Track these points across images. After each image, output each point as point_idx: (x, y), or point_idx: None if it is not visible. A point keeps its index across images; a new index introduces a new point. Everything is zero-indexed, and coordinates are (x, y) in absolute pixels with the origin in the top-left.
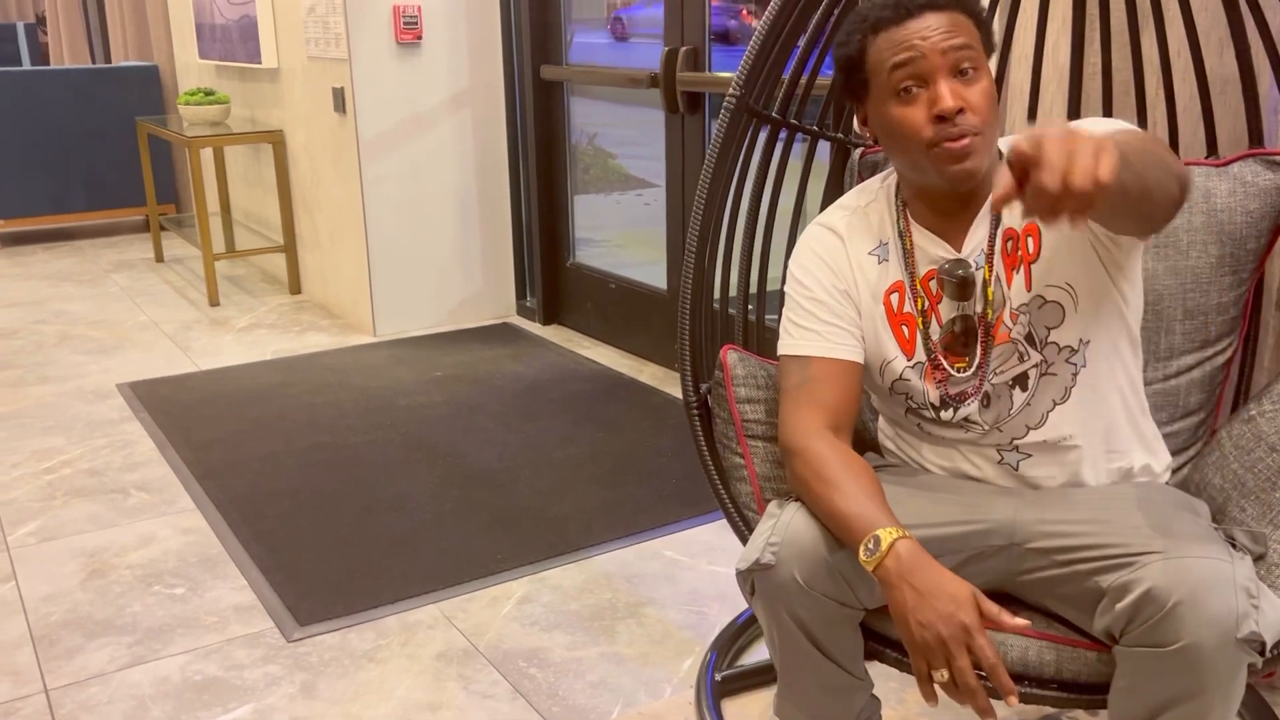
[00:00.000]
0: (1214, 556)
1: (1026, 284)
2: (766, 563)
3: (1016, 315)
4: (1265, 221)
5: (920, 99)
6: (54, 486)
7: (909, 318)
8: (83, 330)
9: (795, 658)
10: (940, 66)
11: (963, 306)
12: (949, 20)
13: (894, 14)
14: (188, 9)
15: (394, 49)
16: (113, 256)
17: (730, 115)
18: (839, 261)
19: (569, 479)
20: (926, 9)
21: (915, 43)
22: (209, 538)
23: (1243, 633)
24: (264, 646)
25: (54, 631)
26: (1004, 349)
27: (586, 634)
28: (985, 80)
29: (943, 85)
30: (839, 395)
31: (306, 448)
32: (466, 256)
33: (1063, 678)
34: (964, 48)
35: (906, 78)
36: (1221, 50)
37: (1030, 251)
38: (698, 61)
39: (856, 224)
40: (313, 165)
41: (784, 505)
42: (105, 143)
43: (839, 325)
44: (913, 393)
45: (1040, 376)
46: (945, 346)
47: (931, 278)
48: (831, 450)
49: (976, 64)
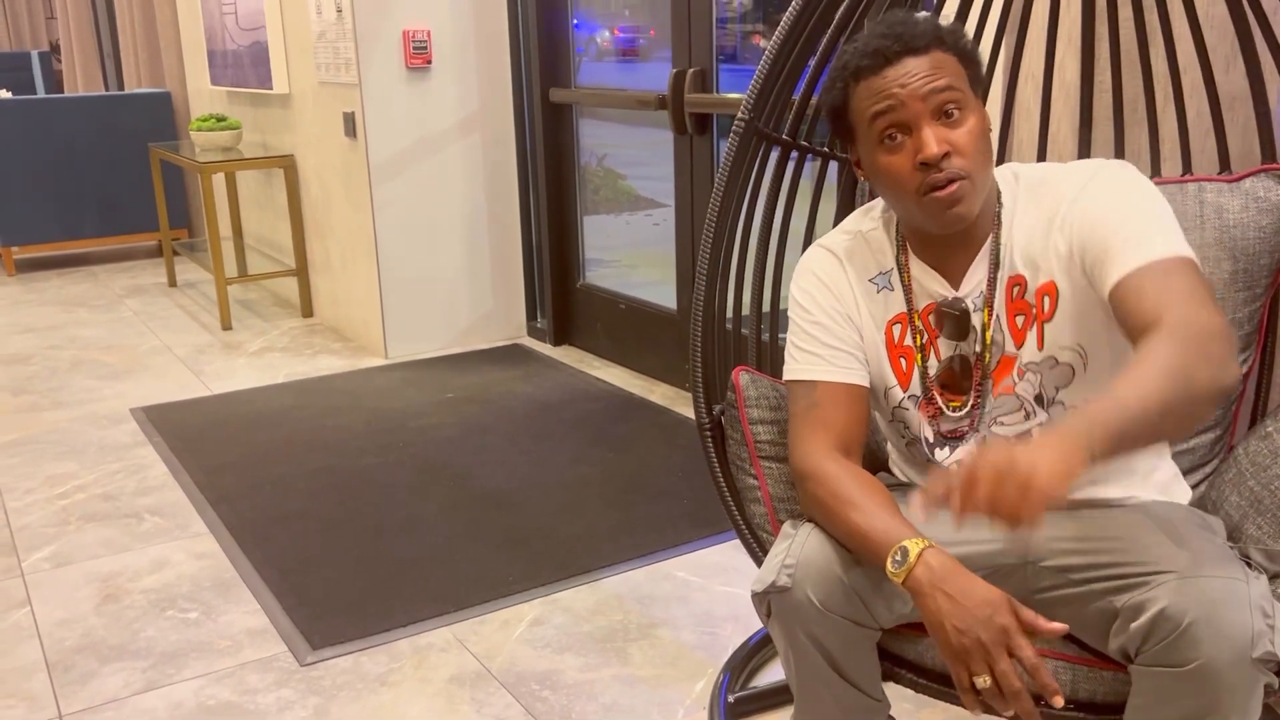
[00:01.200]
0: (1229, 576)
1: (1039, 343)
2: (783, 585)
3: (1024, 372)
4: (1278, 237)
5: (905, 146)
6: (68, 511)
7: (908, 350)
8: (96, 355)
9: (812, 680)
10: (922, 113)
11: (960, 346)
12: (929, 63)
13: (872, 61)
14: (199, 36)
15: (404, 73)
16: (126, 281)
17: (740, 138)
18: (839, 285)
19: (580, 500)
20: (905, 54)
21: (894, 91)
22: (222, 561)
23: (1258, 652)
24: (277, 670)
25: (68, 657)
26: (1006, 400)
27: (599, 656)
28: (972, 119)
29: (926, 132)
30: (846, 418)
31: (318, 470)
32: (477, 278)
33: (1079, 697)
34: (946, 89)
35: (888, 126)
36: (1229, 66)
37: (1045, 311)
38: (705, 83)
39: (858, 250)
40: (324, 189)
41: (798, 526)
42: (118, 169)
43: (842, 349)
44: (910, 424)
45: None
46: (942, 384)
47: (931, 311)
48: (844, 470)
49: (962, 104)
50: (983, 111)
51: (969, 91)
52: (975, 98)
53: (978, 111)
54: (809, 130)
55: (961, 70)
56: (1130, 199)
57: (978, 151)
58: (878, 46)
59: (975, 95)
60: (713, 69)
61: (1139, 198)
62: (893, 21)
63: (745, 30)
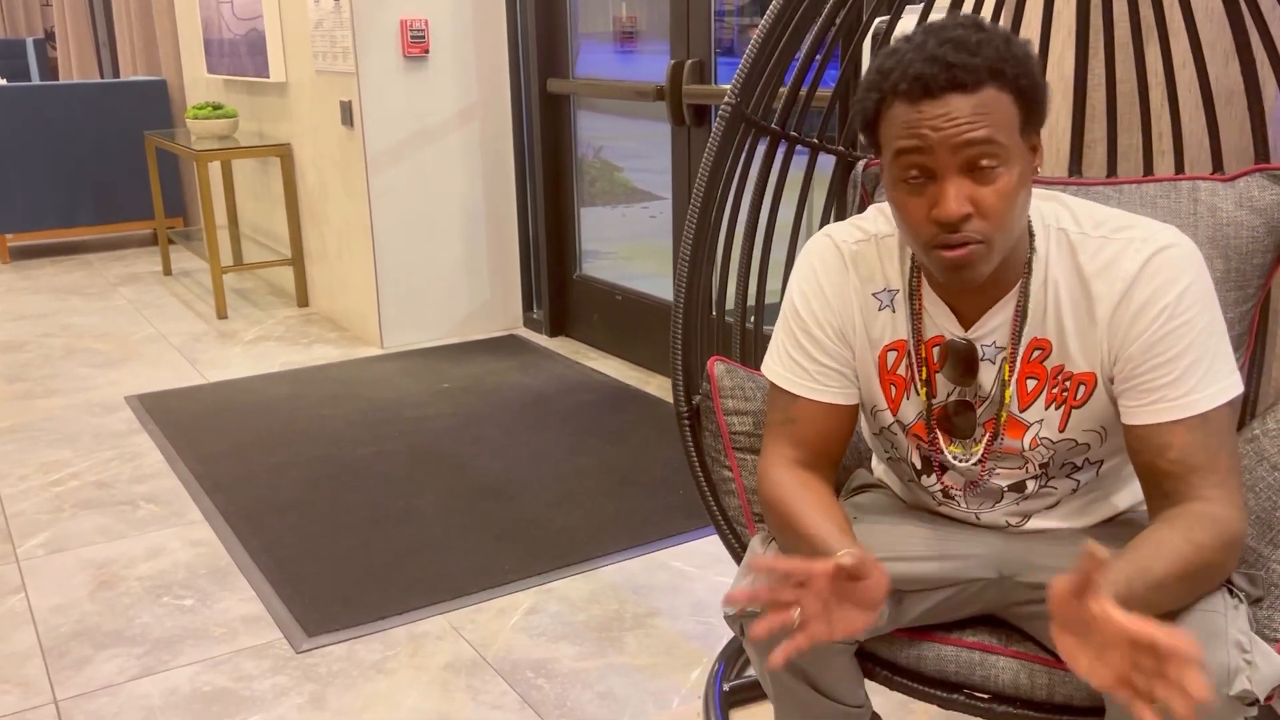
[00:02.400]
0: (1209, 609)
1: (1061, 425)
2: (751, 611)
3: (1038, 444)
4: (1271, 237)
5: (926, 191)
6: (62, 499)
7: (899, 379)
8: (91, 343)
9: (789, 699)
10: (950, 164)
11: (961, 391)
12: (975, 105)
13: (911, 87)
14: (196, 24)
15: (401, 63)
16: (121, 270)
17: (726, 124)
18: (839, 293)
19: (576, 490)
20: (950, 89)
21: (925, 132)
22: (217, 549)
23: (1234, 690)
24: (272, 658)
25: (63, 643)
26: (1012, 458)
27: (594, 645)
28: (1009, 175)
29: (950, 186)
30: (821, 436)
31: (314, 459)
32: (473, 269)
33: (1055, 700)
34: (985, 142)
35: (912, 166)
36: (1226, 62)
37: (1078, 398)
38: (703, 74)
39: (867, 255)
40: (320, 178)
41: (766, 544)
42: (114, 157)
43: (831, 367)
44: (897, 446)
45: (1040, 488)
46: (937, 421)
47: (936, 343)
48: (797, 484)
49: (1002, 159)
50: (1028, 159)
51: (1015, 140)
52: (1024, 145)
53: (1020, 163)
54: (799, 121)
55: (1015, 113)
56: (1183, 320)
57: (1006, 213)
58: (921, 71)
59: (1025, 142)
60: (711, 60)
61: (1192, 316)
62: (950, 39)
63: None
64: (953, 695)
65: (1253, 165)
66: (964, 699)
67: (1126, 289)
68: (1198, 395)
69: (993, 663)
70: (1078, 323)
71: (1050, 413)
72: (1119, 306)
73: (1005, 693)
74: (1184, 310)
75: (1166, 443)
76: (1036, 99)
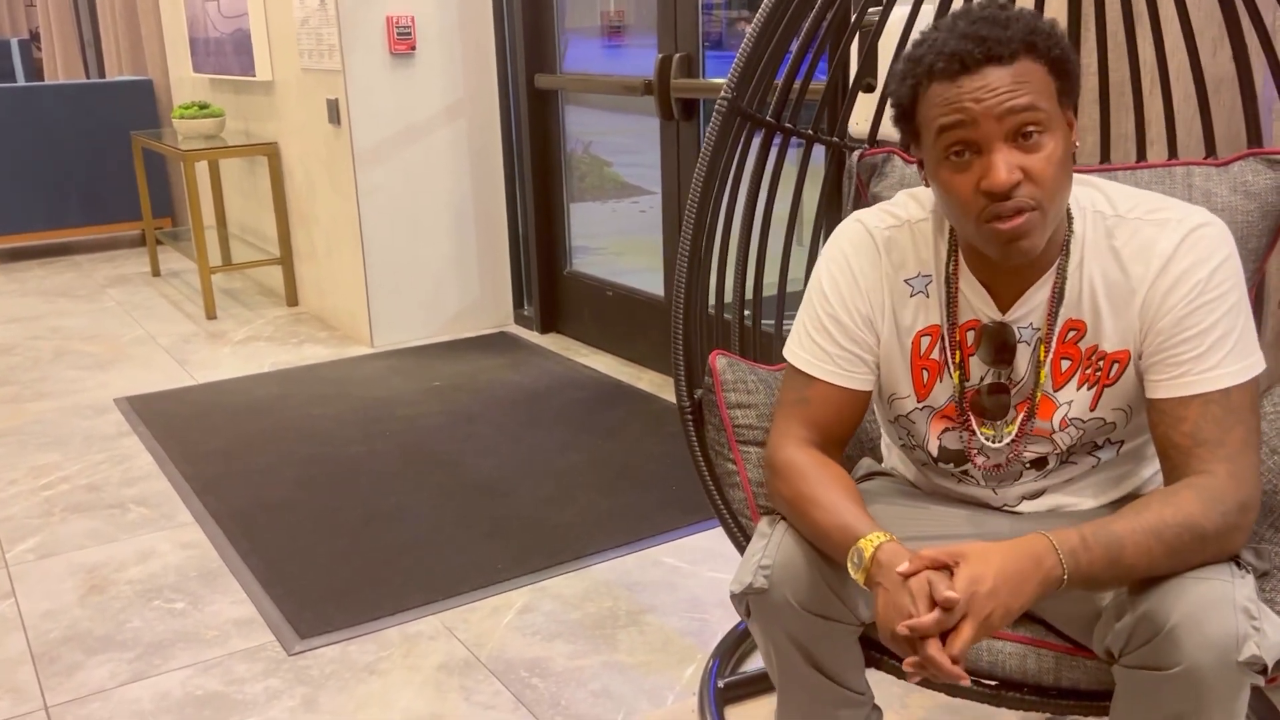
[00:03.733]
0: (1213, 577)
1: (1093, 404)
2: (760, 587)
3: (1068, 424)
4: (1266, 221)
5: (972, 166)
6: (52, 503)
7: (933, 364)
8: (79, 345)
9: (793, 678)
10: (995, 134)
11: (997, 373)
12: (1014, 75)
13: (947, 65)
14: (181, 23)
15: (388, 60)
16: (109, 271)
17: (722, 118)
18: (870, 280)
19: (568, 487)
20: (987, 62)
21: (967, 105)
22: (208, 552)
23: (1243, 656)
24: (265, 660)
25: (54, 648)
26: (1041, 441)
27: (588, 643)
28: (1054, 143)
29: (998, 156)
30: (835, 419)
31: (305, 459)
32: (463, 266)
33: (1061, 685)
34: (1027, 109)
35: (956, 142)
36: (1216, 49)
37: (1111, 376)
38: (691, 68)
39: (900, 241)
40: (308, 177)
41: (774, 524)
42: (100, 157)
43: (853, 352)
44: (914, 433)
45: (1061, 464)
46: (970, 404)
47: (971, 327)
48: (811, 464)
49: (1045, 125)
50: (1067, 132)
51: (1056, 109)
52: (1063, 115)
53: (1062, 132)
54: (794, 113)
55: (1050, 83)
56: (1214, 296)
57: (1055, 179)
58: (957, 49)
59: (1064, 112)
60: (699, 54)
61: (1223, 292)
62: (980, 18)
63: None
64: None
65: (1246, 150)
66: (971, 685)
67: (1163, 266)
68: (1221, 370)
69: (999, 648)
70: (1112, 303)
71: (1082, 393)
72: (1155, 283)
73: (1012, 678)
74: (1215, 286)
75: (1182, 415)
76: (1070, 71)
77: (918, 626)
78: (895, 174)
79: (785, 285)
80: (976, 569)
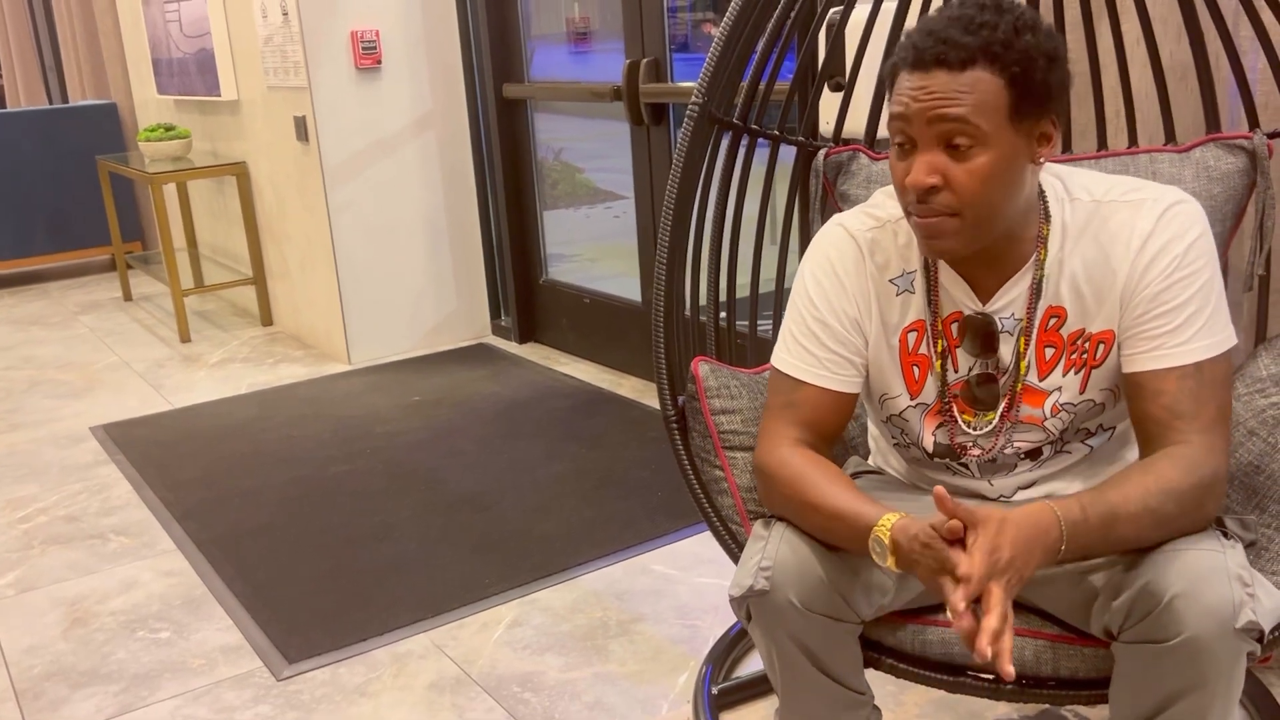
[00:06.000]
0: (1206, 547)
1: (1082, 387)
2: (761, 589)
3: (1059, 410)
4: (1229, 205)
5: (910, 157)
6: (30, 535)
7: (923, 359)
8: (52, 374)
9: (796, 680)
10: (926, 135)
11: (984, 363)
12: (958, 84)
13: (907, 55)
14: (143, 45)
15: (354, 74)
16: (80, 298)
17: (695, 124)
18: (855, 281)
19: (554, 498)
20: (936, 65)
21: (906, 100)
22: (192, 579)
23: (1241, 622)
24: (254, 686)
25: (37, 684)
26: (1032, 429)
27: (579, 655)
28: (987, 157)
29: (923, 158)
30: (823, 420)
31: (286, 481)
32: (439, 278)
33: (1060, 674)
34: (957, 120)
35: (899, 132)
36: (1179, 37)
37: (1097, 358)
38: (660, 72)
39: (883, 241)
40: (278, 195)
41: (770, 526)
42: (66, 183)
43: (841, 354)
44: (908, 431)
45: (1055, 453)
46: (959, 394)
47: (955, 319)
48: (804, 461)
49: (976, 139)
50: (1016, 148)
51: (1001, 124)
52: (1014, 131)
53: (1003, 149)
54: (760, 113)
55: (1003, 98)
56: (1189, 271)
57: (977, 192)
58: (917, 43)
59: (1018, 128)
60: (666, 58)
61: (1198, 268)
62: (958, 17)
63: (696, 19)
64: (959, 678)
65: (1206, 135)
66: (970, 680)
67: (1142, 244)
68: (1195, 344)
69: None
70: (1095, 287)
71: (1070, 378)
72: (1134, 261)
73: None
74: (1190, 262)
75: (1159, 389)
76: (1032, 87)
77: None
78: (862, 172)
79: (758, 286)
80: (994, 538)
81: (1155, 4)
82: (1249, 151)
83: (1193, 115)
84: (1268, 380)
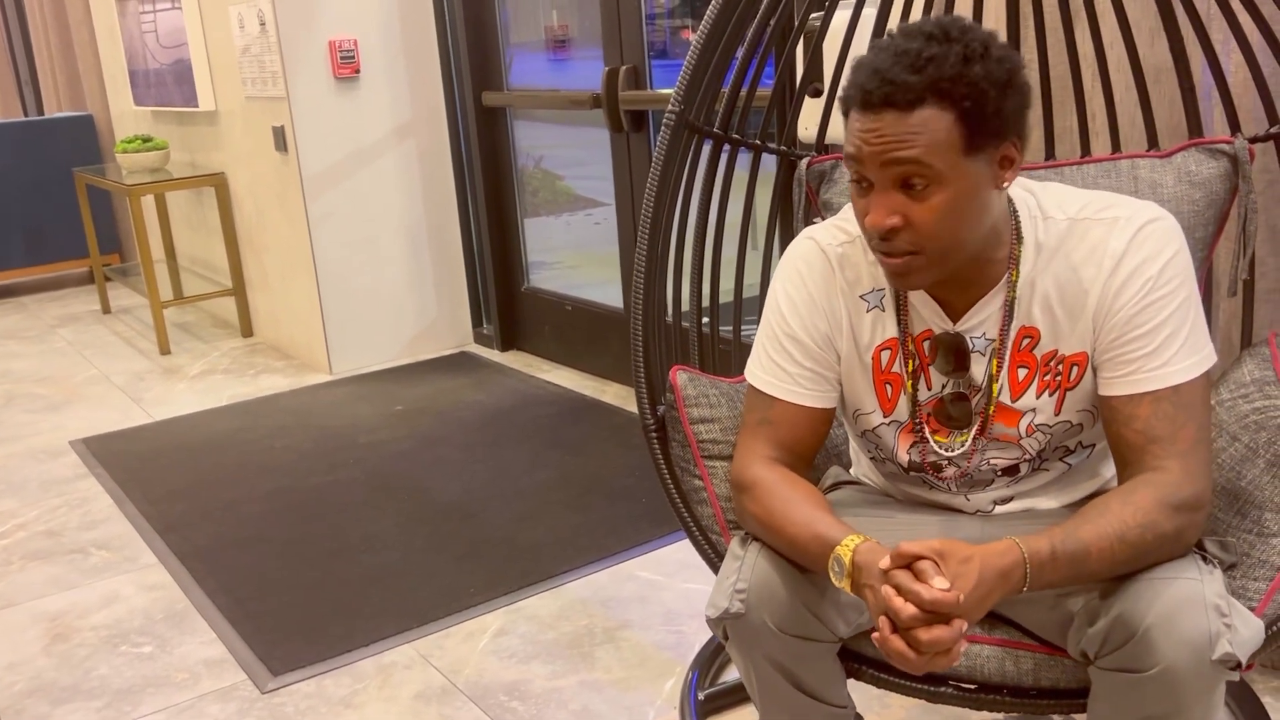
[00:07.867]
0: (1183, 575)
1: (1057, 409)
2: (736, 611)
3: (1034, 430)
4: (1211, 210)
5: (869, 196)
6: (10, 551)
7: (895, 377)
8: (30, 388)
9: (774, 699)
10: (881, 177)
11: (956, 382)
12: (909, 125)
13: (853, 95)
14: (119, 56)
15: (332, 84)
16: (58, 310)
17: (671, 132)
18: (826, 296)
19: (538, 505)
20: (885, 106)
21: (858, 144)
22: (174, 592)
23: (1217, 654)
24: (238, 700)
25: (18, 701)
26: (1008, 447)
27: (566, 662)
28: (941, 195)
29: (880, 198)
30: (799, 437)
31: (268, 493)
32: (420, 287)
33: (1040, 685)
34: (911, 162)
35: (855, 172)
36: (1154, 40)
37: (1072, 380)
38: (639, 80)
39: (854, 257)
40: (257, 206)
41: (746, 544)
42: (43, 195)
43: (814, 370)
44: (882, 446)
45: (1033, 470)
46: (933, 412)
47: (926, 337)
48: (777, 479)
49: (932, 178)
50: (972, 179)
51: (955, 161)
52: (969, 164)
53: (960, 183)
54: (740, 122)
55: (956, 133)
56: (1164, 292)
57: (938, 228)
58: (864, 83)
59: (974, 159)
60: (645, 65)
61: (1174, 289)
62: (903, 52)
63: (674, 25)
64: (940, 688)
65: (1187, 140)
66: (951, 691)
67: (1115, 265)
68: (1172, 368)
69: (977, 651)
70: (1067, 307)
71: (1045, 400)
72: (1107, 283)
73: (991, 681)
74: (1165, 282)
75: (1134, 413)
76: (984, 121)
77: (907, 618)
78: (844, 180)
79: (741, 293)
80: (957, 570)
81: (1131, 5)
82: (1230, 156)
83: (1175, 118)
84: (1251, 385)
